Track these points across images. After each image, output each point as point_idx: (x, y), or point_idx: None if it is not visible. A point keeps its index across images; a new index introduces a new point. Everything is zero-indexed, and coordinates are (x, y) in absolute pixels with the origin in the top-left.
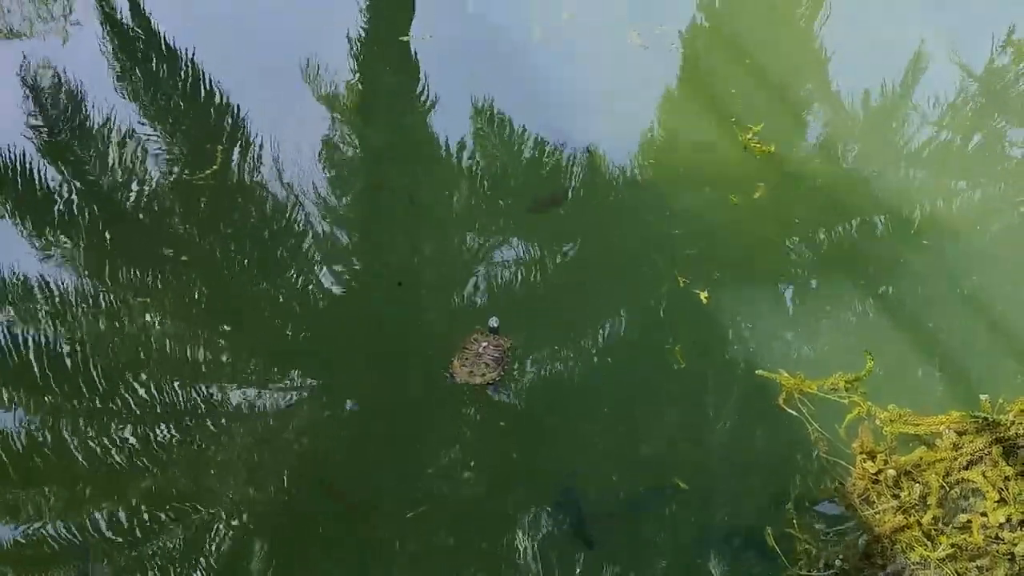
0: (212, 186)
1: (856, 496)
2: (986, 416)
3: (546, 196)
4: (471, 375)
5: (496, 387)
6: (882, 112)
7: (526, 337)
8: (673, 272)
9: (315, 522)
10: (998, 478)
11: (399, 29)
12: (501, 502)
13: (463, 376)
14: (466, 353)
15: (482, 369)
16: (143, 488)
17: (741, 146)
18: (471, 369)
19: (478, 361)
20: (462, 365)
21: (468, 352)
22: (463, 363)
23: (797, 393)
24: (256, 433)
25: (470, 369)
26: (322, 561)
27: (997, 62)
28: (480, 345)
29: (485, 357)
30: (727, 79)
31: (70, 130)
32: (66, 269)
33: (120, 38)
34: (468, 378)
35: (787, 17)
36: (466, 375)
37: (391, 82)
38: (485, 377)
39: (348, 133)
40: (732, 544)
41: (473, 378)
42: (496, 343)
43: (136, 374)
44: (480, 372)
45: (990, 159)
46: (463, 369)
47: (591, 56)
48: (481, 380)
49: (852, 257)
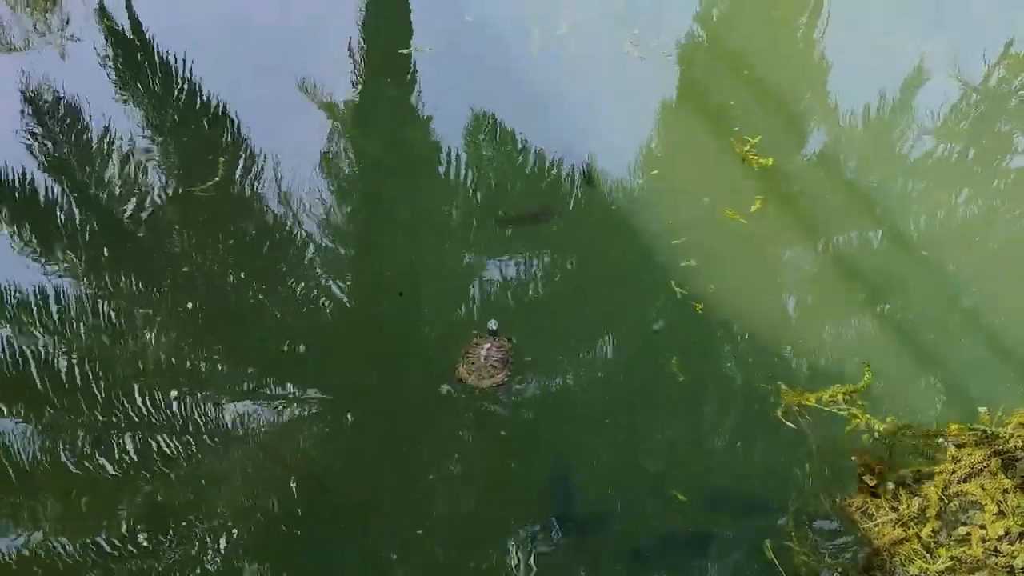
0: (211, 198)
1: (855, 509)
2: (985, 429)
3: (534, 209)
4: (480, 379)
5: (506, 388)
6: (881, 123)
7: (524, 348)
8: (671, 285)
9: (313, 531)
10: (997, 491)
11: (398, 42)
12: (497, 509)
13: (473, 381)
14: (470, 358)
15: (489, 372)
16: (141, 500)
17: (739, 159)
18: (479, 374)
19: (484, 365)
20: (469, 371)
21: (472, 357)
22: (469, 369)
23: (796, 405)
24: (255, 444)
25: (478, 374)
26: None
27: (996, 73)
28: (483, 348)
29: (491, 360)
30: (725, 91)
31: (69, 144)
32: (66, 282)
33: (118, 52)
34: (477, 383)
35: (786, 29)
36: (475, 380)
37: (390, 94)
38: (494, 379)
39: (347, 145)
40: (731, 557)
41: (482, 382)
42: (498, 344)
43: (135, 387)
44: (488, 375)
45: (990, 170)
46: (471, 375)
47: (589, 68)
48: (490, 383)
49: (852, 269)
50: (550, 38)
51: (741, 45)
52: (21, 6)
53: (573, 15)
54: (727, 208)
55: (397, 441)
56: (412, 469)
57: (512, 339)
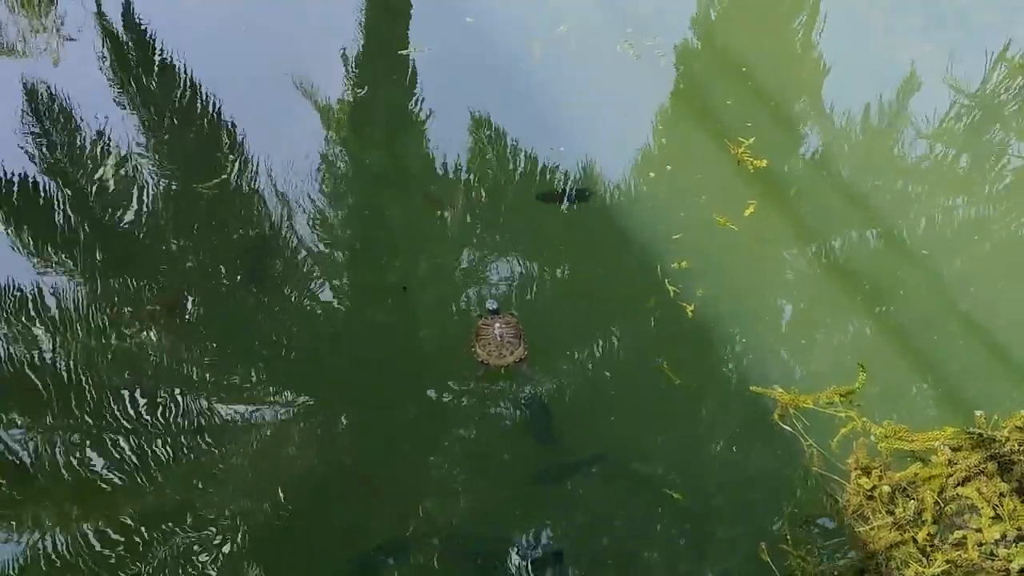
0: (208, 201)
1: (851, 512)
2: (981, 432)
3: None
4: (501, 357)
5: (527, 361)
6: (878, 126)
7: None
8: (666, 287)
9: (309, 538)
10: (993, 494)
11: (397, 43)
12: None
13: (495, 361)
14: (484, 340)
15: (509, 348)
16: (139, 503)
17: (734, 160)
18: (499, 352)
19: (502, 343)
20: (488, 352)
21: (486, 338)
22: (488, 351)
23: (792, 409)
24: (251, 448)
25: (498, 352)
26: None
27: (993, 77)
28: (495, 328)
29: (507, 337)
30: (721, 93)
31: (67, 144)
32: (63, 284)
33: (115, 53)
34: (499, 361)
35: (782, 30)
36: (497, 359)
37: (388, 96)
38: (515, 354)
39: (344, 148)
40: (727, 560)
41: (504, 359)
42: (506, 321)
43: (132, 389)
44: (508, 352)
45: (986, 175)
46: (491, 355)
47: (587, 70)
48: (513, 358)
49: (848, 272)
50: (548, 39)
51: (738, 47)
52: (18, 7)
53: (571, 16)
54: (722, 208)
55: (395, 442)
56: (411, 469)
57: (514, 312)
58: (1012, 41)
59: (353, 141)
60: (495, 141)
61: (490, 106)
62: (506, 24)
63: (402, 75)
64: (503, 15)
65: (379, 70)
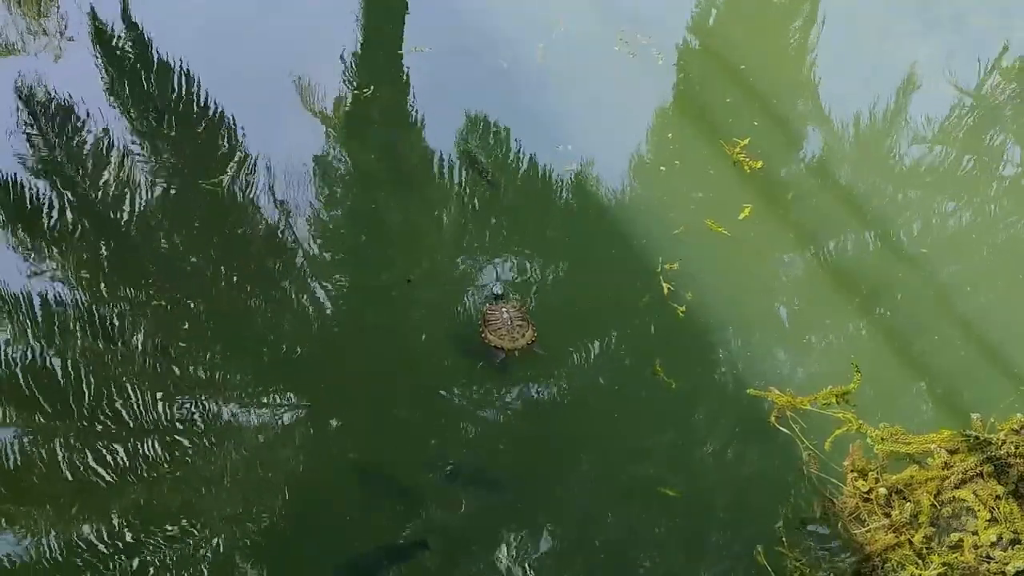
0: (204, 201)
1: (847, 515)
2: (977, 435)
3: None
4: (514, 341)
5: (538, 342)
6: (875, 129)
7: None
8: (661, 286)
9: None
10: (989, 497)
11: (394, 44)
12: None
13: (510, 345)
14: (495, 325)
15: (520, 331)
16: (132, 505)
17: (731, 161)
18: (511, 336)
19: (512, 327)
20: (500, 337)
21: (496, 324)
22: (500, 336)
23: (789, 411)
24: (246, 450)
25: (511, 336)
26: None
27: (990, 81)
28: (504, 313)
29: (516, 320)
30: (719, 93)
31: (63, 145)
32: (57, 284)
33: (112, 53)
34: (513, 344)
35: (781, 31)
36: (510, 343)
37: (385, 96)
38: (526, 337)
39: (341, 149)
40: (723, 562)
41: (517, 342)
42: (512, 305)
43: (126, 390)
44: (520, 334)
45: (984, 177)
46: (504, 339)
47: (584, 70)
48: (525, 341)
49: (844, 276)
50: (545, 40)
51: (736, 48)
52: (16, 6)
53: (568, 16)
54: (720, 210)
55: (395, 442)
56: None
57: (517, 295)
58: (1009, 44)
59: (352, 141)
60: (495, 142)
61: (489, 106)
62: (506, 24)
63: (398, 75)
64: (503, 15)
65: (378, 70)
